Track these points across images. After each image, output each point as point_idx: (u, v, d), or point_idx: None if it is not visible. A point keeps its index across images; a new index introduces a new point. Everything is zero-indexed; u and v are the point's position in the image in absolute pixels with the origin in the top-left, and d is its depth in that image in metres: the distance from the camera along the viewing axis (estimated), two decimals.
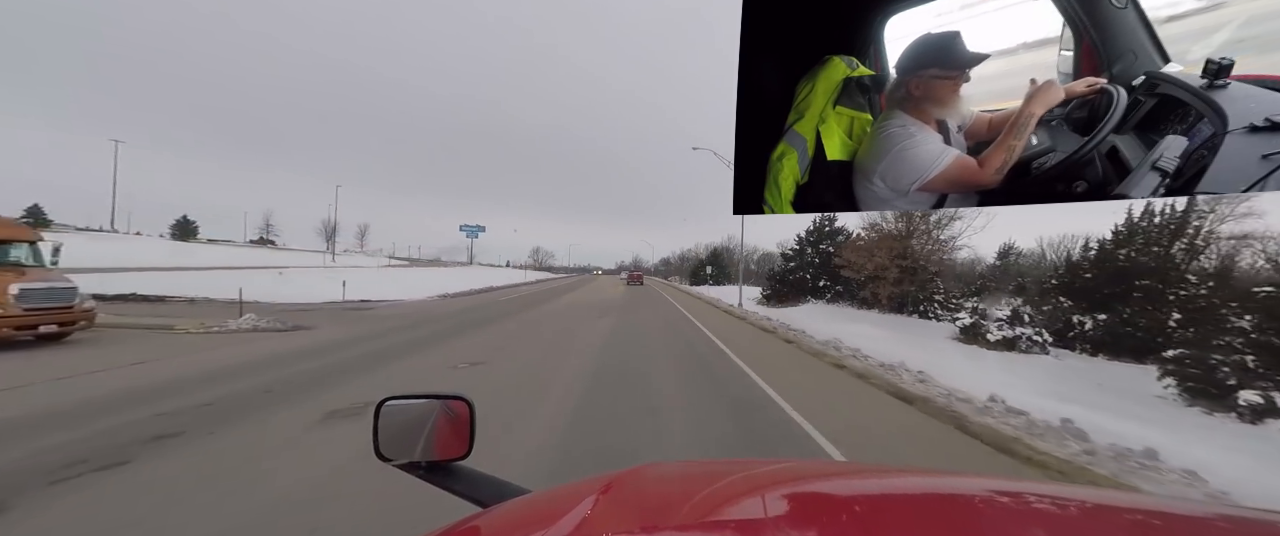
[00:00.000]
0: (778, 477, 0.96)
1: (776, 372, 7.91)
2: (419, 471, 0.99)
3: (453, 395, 1.03)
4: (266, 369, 6.79)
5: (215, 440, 4.06)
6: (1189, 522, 0.70)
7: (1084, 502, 0.80)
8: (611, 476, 0.85)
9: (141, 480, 3.29)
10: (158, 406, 4.85)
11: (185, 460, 3.64)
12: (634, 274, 59.26)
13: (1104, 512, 0.74)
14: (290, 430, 4.35)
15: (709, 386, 6.75)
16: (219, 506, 2.97)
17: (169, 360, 7.20)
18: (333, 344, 9.24)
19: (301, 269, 33.98)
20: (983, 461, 4.43)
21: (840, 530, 0.64)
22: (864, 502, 0.80)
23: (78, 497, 3.02)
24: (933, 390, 6.82)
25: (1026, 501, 0.77)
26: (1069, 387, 8.34)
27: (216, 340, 9.17)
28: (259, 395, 5.45)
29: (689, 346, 10.61)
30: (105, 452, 3.68)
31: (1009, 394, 6.28)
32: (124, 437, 4.01)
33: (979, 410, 5.79)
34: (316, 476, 3.43)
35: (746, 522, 0.68)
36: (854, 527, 0.65)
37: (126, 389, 5.50)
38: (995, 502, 0.78)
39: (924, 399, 6.33)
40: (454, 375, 7.01)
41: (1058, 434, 4.94)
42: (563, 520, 0.63)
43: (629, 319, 15.90)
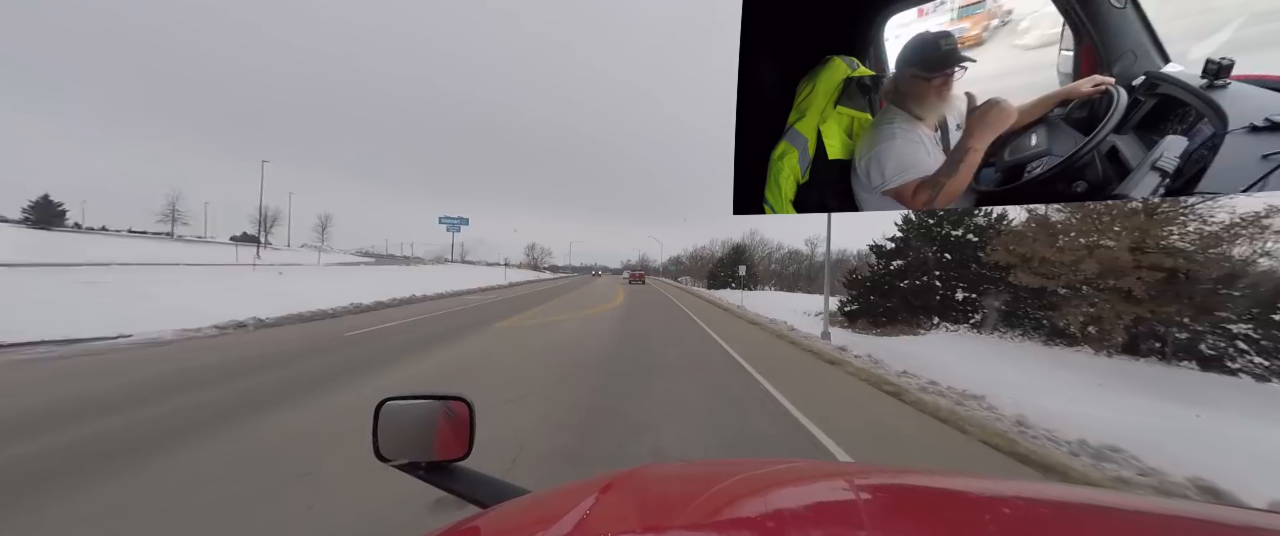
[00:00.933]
0: (778, 478, 0.96)
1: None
2: (419, 472, 0.99)
3: (453, 395, 1.03)
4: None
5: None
6: (1189, 522, 0.70)
7: (1084, 503, 0.80)
8: (611, 476, 0.85)
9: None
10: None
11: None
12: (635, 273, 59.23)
13: (1104, 513, 0.74)
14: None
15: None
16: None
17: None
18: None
19: (176, 268, 23.04)
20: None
21: (840, 530, 0.64)
22: (864, 503, 0.80)
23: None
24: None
25: (1026, 501, 0.77)
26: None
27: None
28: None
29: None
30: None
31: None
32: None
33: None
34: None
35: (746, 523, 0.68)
36: (854, 528, 0.65)
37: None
38: (995, 503, 0.78)
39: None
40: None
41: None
42: (563, 520, 0.63)
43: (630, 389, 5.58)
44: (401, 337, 9.09)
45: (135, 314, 9.55)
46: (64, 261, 22.22)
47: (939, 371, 7.40)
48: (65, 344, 7.25)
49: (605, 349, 8.58)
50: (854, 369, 7.85)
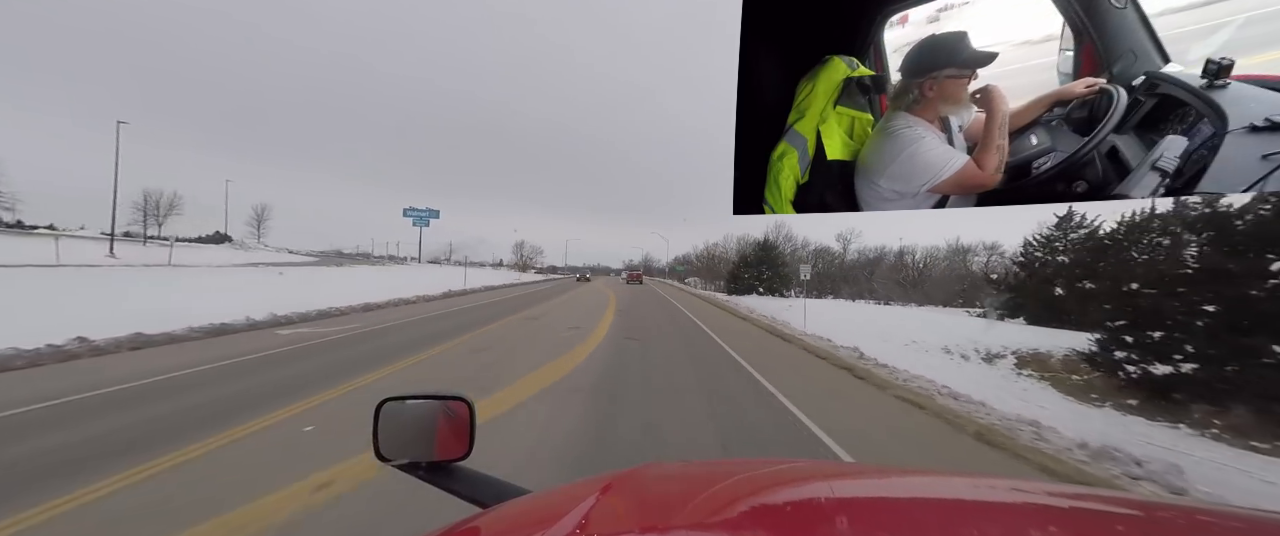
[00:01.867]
0: (778, 478, 0.96)
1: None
2: (419, 472, 0.99)
3: (453, 395, 1.03)
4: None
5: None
6: (1189, 523, 0.70)
7: (1084, 503, 0.80)
8: (611, 476, 0.85)
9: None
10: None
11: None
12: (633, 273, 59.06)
13: (1104, 513, 0.74)
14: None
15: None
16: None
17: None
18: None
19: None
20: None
21: (840, 530, 0.64)
22: (864, 503, 0.80)
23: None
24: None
25: (1026, 502, 0.77)
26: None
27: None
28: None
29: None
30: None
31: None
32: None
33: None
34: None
35: (746, 523, 0.68)
36: (854, 528, 0.65)
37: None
38: (995, 503, 0.78)
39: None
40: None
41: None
42: (563, 520, 0.63)
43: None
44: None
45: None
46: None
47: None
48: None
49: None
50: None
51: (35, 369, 6.42)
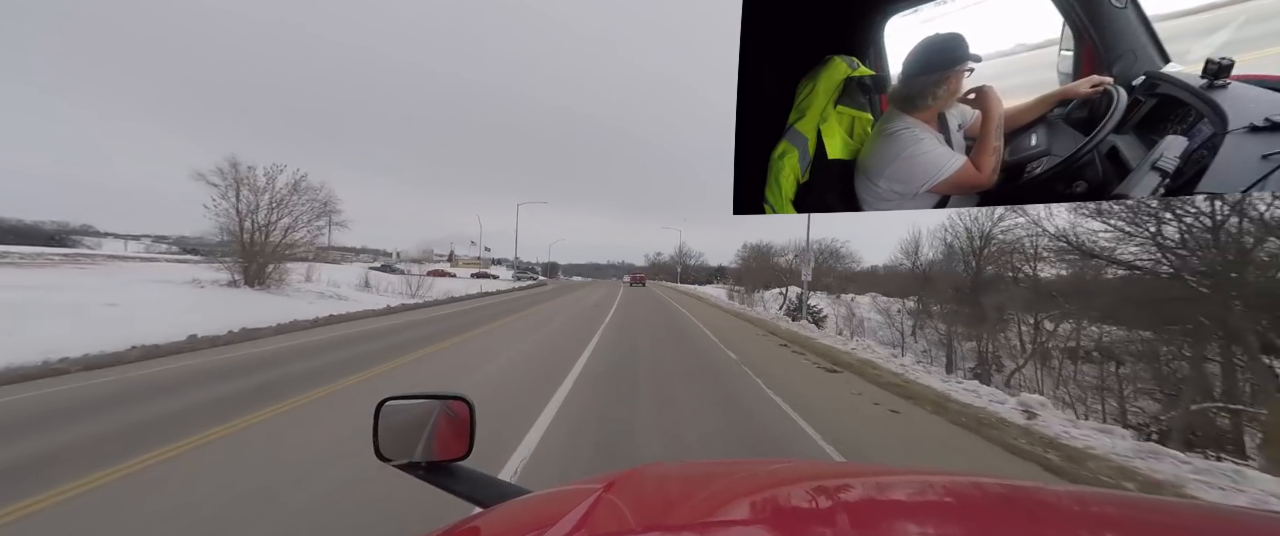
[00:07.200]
0: (778, 478, 0.96)
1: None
2: (419, 472, 0.99)
3: (453, 395, 1.03)
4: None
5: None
6: (1189, 522, 0.70)
7: (1083, 503, 0.80)
8: (611, 476, 0.85)
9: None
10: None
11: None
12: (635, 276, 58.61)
13: (1103, 513, 0.74)
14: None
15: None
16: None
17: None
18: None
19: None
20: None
21: (840, 530, 0.64)
22: (864, 502, 0.80)
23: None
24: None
25: (1026, 502, 0.77)
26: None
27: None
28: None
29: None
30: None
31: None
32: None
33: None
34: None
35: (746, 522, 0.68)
36: (854, 527, 0.65)
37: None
38: (995, 503, 0.78)
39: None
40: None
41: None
42: (563, 520, 0.63)
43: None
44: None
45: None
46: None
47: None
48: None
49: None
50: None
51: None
